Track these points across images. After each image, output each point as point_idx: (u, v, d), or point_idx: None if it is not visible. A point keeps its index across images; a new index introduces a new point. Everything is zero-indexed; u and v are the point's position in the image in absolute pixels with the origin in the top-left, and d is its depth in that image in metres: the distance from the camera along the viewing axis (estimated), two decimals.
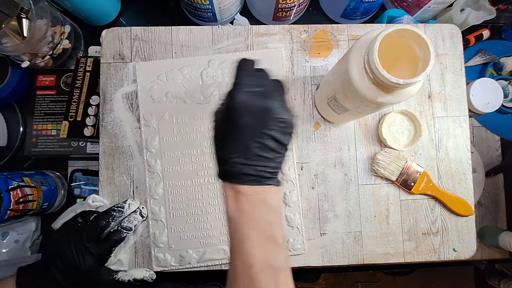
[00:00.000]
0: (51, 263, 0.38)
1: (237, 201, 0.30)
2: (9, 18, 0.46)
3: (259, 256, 0.29)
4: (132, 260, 0.45)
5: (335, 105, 0.40)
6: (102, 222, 0.40)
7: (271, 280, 0.28)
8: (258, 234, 0.29)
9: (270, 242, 0.29)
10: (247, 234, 0.29)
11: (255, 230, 0.29)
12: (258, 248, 0.29)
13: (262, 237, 0.29)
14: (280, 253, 0.30)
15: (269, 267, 0.29)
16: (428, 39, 0.29)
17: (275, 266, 0.29)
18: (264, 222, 0.30)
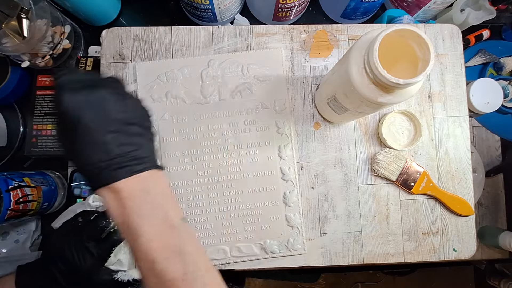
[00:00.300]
0: (51, 263, 0.38)
1: (118, 201, 0.27)
2: (9, 18, 0.46)
3: (157, 248, 0.26)
4: (132, 260, 0.45)
5: (335, 105, 0.40)
6: (102, 222, 0.40)
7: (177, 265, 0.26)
8: (149, 226, 0.27)
9: (166, 228, 0.27)
10: (139, 230, 0.27)
11: (146, 223, 0.27)
12: (155, 240, 0.27)
13: (156, 226, 0.27)
14: (180, 234, 0.28)
15: (171, 253, 0.27)
16: (428, 39, 0.29)
17: (178, 250, 0.27)
18: (153, 210, 0.27)
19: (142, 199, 0.27)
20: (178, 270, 0.26)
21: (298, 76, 0.49)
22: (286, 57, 0.49)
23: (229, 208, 0.46)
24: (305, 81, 0.49)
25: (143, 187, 0.28)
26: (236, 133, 0.47)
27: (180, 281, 0.26)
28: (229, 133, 0.47)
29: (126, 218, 0.27)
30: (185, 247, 0.27)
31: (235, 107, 0.47)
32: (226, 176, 0.46)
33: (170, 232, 0.27)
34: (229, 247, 0.46)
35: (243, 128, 0.47)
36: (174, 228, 0.28)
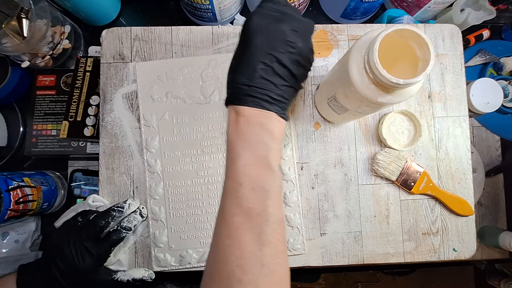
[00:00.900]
0: (51, 262, 0.38)
1: (236, 122, 0.29)
2: (9, 18, 0.46)
3: (250, 175, 0.28)
4: (132, 260, 0.45)
5: (335, 105, 0.40)
6: (101, 222, 0.40)
7: (259, 200, 0.27)
8: (251, 153, 0.28)
9: (263, 164, 0.28)
10: (240, 152, 0.28)
11: (249, 150, 0.28)
12: (250, 167, 0.28)
13: (255, 157, 0.28)
14: (273, 178, 0.29)
15: (259, 187, 0.28)
16: (428, 39, 0.29)
17: (265, 188, 0.28)
18: (259, 143, 0.29)
19: (255, 130, 0.29)
20: (258, 204, 0.27)
21: None
22: None
23: None
24: (305, 81, 0.49)
25: (261, 122, 0.29)
26: None
27: (256, 214, 0.27)
28: None
29: (235, 137, 0.29)
30: (272, 189, 0.28)
31: None
32: None
33: (266, 169, 0.29)
34: None
35: None
36: (270, 168, 0.29)
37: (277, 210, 0.28)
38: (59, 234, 0.40)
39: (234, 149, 0.29)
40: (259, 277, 0.26)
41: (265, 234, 0.27)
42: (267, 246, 0.27)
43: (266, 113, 0.29)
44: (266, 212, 0.27)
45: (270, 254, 0.27)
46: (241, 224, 0.27)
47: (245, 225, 0.27)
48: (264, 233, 0.27)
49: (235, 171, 0.28)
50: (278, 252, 0.27)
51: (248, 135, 0.29)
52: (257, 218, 0.27)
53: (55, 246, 0.39)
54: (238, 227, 0.27)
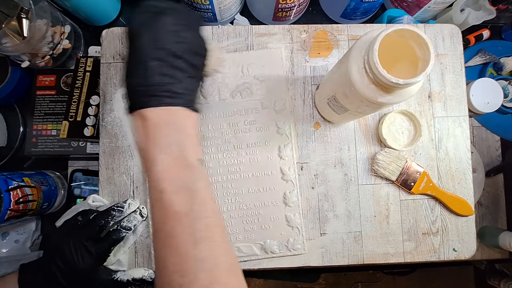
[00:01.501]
0: (51, 262, 0.38)
1: (144, 127, 0.28)
2: (9, 18, 0.46)
3: (169, 180, 0.27)
4: (132, 260, 0.45)
5: (335, 105, 0.40)
6: (101, 222, 0.40)
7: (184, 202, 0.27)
8: (165, 156, 0.27)
9: (181, 163, 0.28)
10: (154, 158, 0.28)
11: (163, 153, 0.28)
12: (167, 171, 0.27)
13: (171, 159, 0.27)
14: (194, 174, 0.28)
15: (180, 188, 0.27)
16: (428, 39, 0.29)
17: (188, 187, 0.27)
18: (172, 144, 0.28)
19: (164, 131, 0.28)
20: (184, 205, 0.27)
21: (298, 76, 0.49)
22: (286, 57, 0.49)
23: (229, 208, 0.46)
24: (305, 81, 0.49)
25: (168, 121, 0.28)
26: (236, 133, 0.47)
27: (184, 216, 0.26)
28: (229, 133, 0.47)
29: (146, 144, 0.28)
30: (195, 186, 0.28)
31: (235, 107, 0.47)
32: (226, 176, 0.46)
33: (184, 168, 0.28)
34: None
35: (243, 128, 0.47)
36: (188, 165, 0.28)
37: (205, 205, 0.28)
38: (59, 233, 0.40)
39: (147, 157, 0.28)
40: (199, 274, 0.25)
41: (198, 231, 0.26)
42: (203, 242, 0.26)
43: (171, 110, 0.28)
44: (194, 211, 0.27)
45: (208, 249, 0.26)
46: (172, 230, 0.26)
47: (176, 230, 0.26)
48: (196, 230, 0.26)
49: (154, 179, 0.27)
50: (216, 244, 0.27)
51: (158, 139, 0.28)
52: (185, 219, 0.26)
53: (55, 245, 0.39)
54: (170, 234, 0.26)
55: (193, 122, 0.30)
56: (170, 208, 0.27)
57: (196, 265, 0.25)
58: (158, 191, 0.27)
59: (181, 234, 0.26)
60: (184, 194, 0.27)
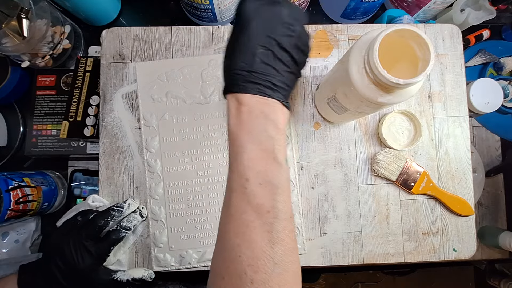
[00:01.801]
0: (51, 262, 0.38)
1: (238, 112, 0.28)
2: (9, 18, 0.46)
3: (256, 170, 0.26)
4: (132, 260, 0.45)
5: (335, 105, 0.40)
6: (101, 221, 0.40)
7: (268, 195, 0.26)
8: (256, 146, 0.27)
9: (269, 157, 0.27)
10: (244, 145, 0.27)
11: (254, 143, 0.27)
12: (256, 161, 0.27)
13: (261, 150, 0.27)
14: (280, 172, 0.27)
15: (266, 182, 0.26)
16: (428, 39, 0.29)
17: (273, 183, 0.27)
18: (264, 135, 0.27)
19: (259, 121, 0.27)
20: (267, 200, 0.26)
21: None
22: None
23: None
24: (305, 81, 0.49)
25: (265, 111, 0.28)
26: None
27: (265, 211, 0.26)
28: None
29: (238, 129, 0.28)
30: (280, 183, 0.27)
31: None
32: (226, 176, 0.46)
33: (272, 162, 0.27)
34: None
35: None
36: (277, 162, 0.27)
37: (286, 206, 0.27)
38: (59, 233, 0.40)
39: (237, 142, 0.28)
40: (271, 276, 0.25)
41: (276, 232, 0.26)
42: (278, 244, 0.26)
43: (269, 101, 0.28)
44: (276, 209, 0.26)
45: (282, 252, 0.26)
46: (250, 221, 0.26)
47: (254, 223, 0.26)
48: (275, 230, 0.26)
49: (240, 165, 0.27)
50: (289, 249, 0.27)
51: (251, 127, 0.27)
52: (267, 215, 0.26)
53: (55, 245, 0.39)
54: (247, 224, 0.26)
55: (286, 119, 0.29)
56: (253, 199, 0.26)
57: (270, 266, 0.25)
58: (243, 178, 0.26)
59: (259, 228, 0.26)
60: (268, 188, 0.26)
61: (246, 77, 0.27)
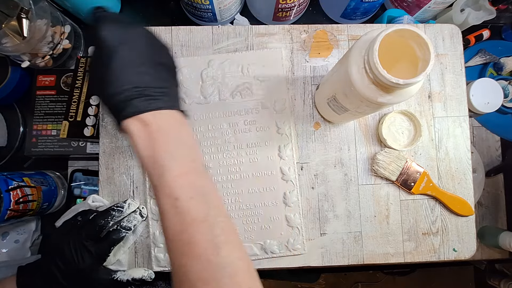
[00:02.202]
0: (51, 262, 0.38)
1: (147, 133, 0.27)
2: (9, 18, 0.46)
3: (183, 186, 0.26)
4: (132, 260, 0.45)
5: (335, 105, 0.40)
6: (100, 221, 0.40)
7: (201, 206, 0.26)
8: (177, 162, 0.27)
9: (192, 168, 0.27)
10: (165, 164, 0.26)
11: (174, 159, 0.27)
12: (181, 177, 0.26)
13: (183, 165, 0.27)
14: (205, 178, 0.27)
15: (196, 194, 0.26)
16: (428, 39, 0.29)
17: (202, 192, 0.27)
18: (181, 148, 0.27)
19: (172, 136, 0.27)
20: (200, 211, 0.26)
21: (298, 76, 0.49)
22: (286, 57, 0.49)
23: (229, 208, 0.46)
24: (305, 81, 0.49)
25: (173, 124, 0.28)
26: (236, 133, 0.47)
27: (201, 222, 0.26)
28: (229, 133, 0.47)
29: (153, 151, 0.27)
30: (208, 190, 0.27)
31: (235, 107, 0.47)
32: (226, 176, 0.46)
33: (196, 173, 0.27)
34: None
35: (243, 128, 0.47)
36: (199, 170, 0.27)
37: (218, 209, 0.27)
38: (58, 234, 0.40)
39: (157, 164, 0.27)
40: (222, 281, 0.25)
41: (217, 236, 0.26)
42: (223, 247, 0.26)
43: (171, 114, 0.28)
44: (210, 216, 0.26)
45: (229, 253, 0.26)
46: (191, 237, 0.26)
47: (195, 237, 0.26)
48: (215, 236, 0.26)
49: (166, 186, 0.26)
50: (235, 248, 0.26)
51: (167, 145, 0.27)
52: (203, 225, 0.26)
53: (54, 245, 0.39)
54: (189, 241, 0.26)
55: (190, 127, 0.30)
56: (187, 216, 0.26)
57: (219, 272, 0.25)
58: (172, 198, 0.26)
59: (201, 241, 0.25)
60: (199, 200, 0.26)
61: (142, 95, 0.27)
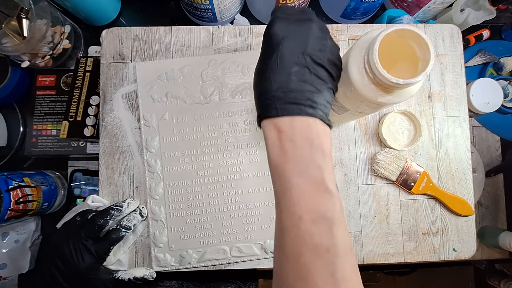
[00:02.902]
0: (51, 263, 0.38)
1: (280, 141, 0.25)
2: (9, 18, 0.46)
3: (309, 206, 0.24)
4: (132, 260, 0.45)
5: (335, 105, 0.40)
6: (100, 221, 0.40)
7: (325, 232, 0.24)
8: (304, 179, 0.25)
9: (320, 189, 0.25)
10: (292, 180, 0.25)
11: (302, 176, 0.25)
12: (307, 196, 0.25)
13: (311, 183, 0.25)
14: (333, 202, 0.25)
15: (321, 218, 0.24)
16: (428, 39, 0.29)
17: (328, 217, 0.24)
18: (312, 166, 0.25)
19: (304, 150, 0.25)
20: (325, 238, 0.24)
21: None
22: None
23: (229, 208, 0.46)
24: None
25: (307, 136, 0.25)
26: (236, 133, 0.47)
27: (325, 250, 0.24)
28: (229, 133, 0.47)
29: (282, 162, 0.25)
30: (335, 216, 0.25)
31: (235, 107, 0.47)
32: (226, 176, 0.46)
33: (324, 194, 0.25)
34: (229, 247, 0.46)
35: (243, 128, 0.47)
36: (328, 193, 0.25)
37: (345, 239, 0.25)
38: (57, 234, 0.40)
39: (284, 177, 0.25)
40: None
41: (339, 271, 0.24)
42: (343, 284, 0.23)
43: (310, 123, 0.26)
44: (336, 246, 0.24)
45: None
46: (310, 263, 0.24)
47: (315, 265, 0.24)
48: (337, 270, 0.24)
49: (290, 203, 0.25)
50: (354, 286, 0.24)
51: (297, 158, 0.25)
52: (326, 255, 0.24)
53: (54, 246, 0.39)
54: (308, 267, 0.24)
55: (329, 140, 0.27)
56: (309, 239, 0.24)
57: None
58: (295, 217, 0.24)
59: (321, 270, 0.23)
60: (324, 225, 0.24)
61: (284, 98, 0.26)
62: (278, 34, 0.27)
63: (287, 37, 0.27)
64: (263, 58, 0.28)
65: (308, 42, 0.27)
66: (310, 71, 0.27)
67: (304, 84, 0.26)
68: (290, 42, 0.27)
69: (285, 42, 0.26)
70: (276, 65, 0.26)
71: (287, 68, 0.26)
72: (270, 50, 0.27)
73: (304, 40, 0.27)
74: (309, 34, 0.27)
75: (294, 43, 0.27)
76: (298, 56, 0.26)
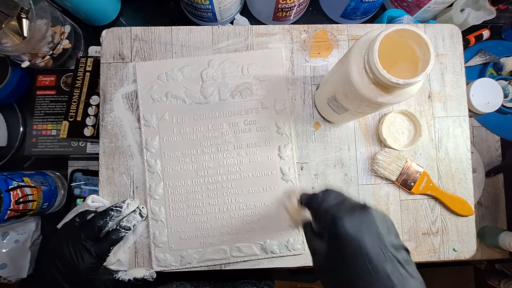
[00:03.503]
0: (51, 265, 0.38)
1: None
2: (9, 18, 0.46)
3: None
4: (132, 260, 0.45)
5: (335, 105, 0.40)
6: (99, 222, 0.40)
7: None
8: None
9: None
10: None
11: None
12: None
13: None
14: None
15: None
16: (428, 39, 0.29)
17: None
18: None
19: None
20: None
21: (298, 76, 0.49)
22: (286, 57, 0.49)
23: (229, 208, 0.46)
24: (305, 81, 0.49)
25: None
26: (236, 133, 0.47)
27: None
28: (229, 133, 0.47)
29: None
30: None
31: (235, 107, 0.47)
32: (226, 176, 0.46)
33: None
34: (229, 247, 0.46)
35: (243, 128, 0.47)
36: None
37: None
38: (57, 235, 0.40)
39: None
40: None
41: None
42: None
43: None
44: None
45: None
46: None
47: None
48: None
49: None
50: None
51: None
52: None
53: (53, 247, 0.39)
54: None
55: None
56: None
57: None
58: None
59: None
60: None
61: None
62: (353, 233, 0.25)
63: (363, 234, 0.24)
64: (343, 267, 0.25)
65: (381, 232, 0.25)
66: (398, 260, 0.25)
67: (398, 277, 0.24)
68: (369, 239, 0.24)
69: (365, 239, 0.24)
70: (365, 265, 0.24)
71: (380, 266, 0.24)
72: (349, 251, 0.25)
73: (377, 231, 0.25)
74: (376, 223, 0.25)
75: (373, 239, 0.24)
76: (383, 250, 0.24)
